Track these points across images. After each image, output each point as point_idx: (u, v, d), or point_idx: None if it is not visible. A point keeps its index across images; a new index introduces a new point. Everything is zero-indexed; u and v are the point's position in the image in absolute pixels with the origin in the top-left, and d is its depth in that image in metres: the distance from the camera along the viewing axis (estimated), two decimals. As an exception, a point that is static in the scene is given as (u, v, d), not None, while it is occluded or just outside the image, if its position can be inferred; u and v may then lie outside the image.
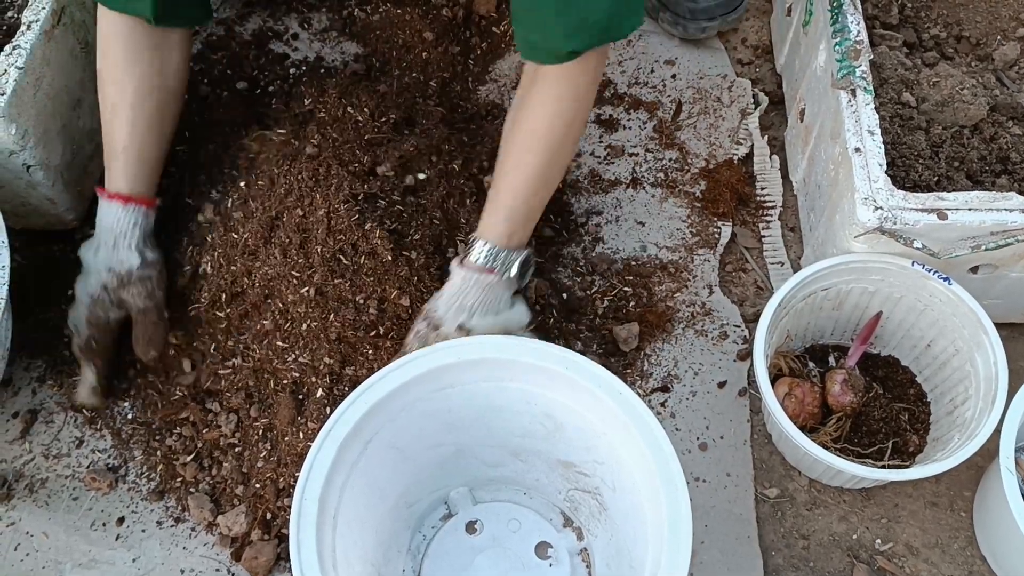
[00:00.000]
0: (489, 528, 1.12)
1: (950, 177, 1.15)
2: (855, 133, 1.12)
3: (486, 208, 1.10)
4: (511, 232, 1.08)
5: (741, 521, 1.14)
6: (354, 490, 0.97)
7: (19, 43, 1.18)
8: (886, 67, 1.23)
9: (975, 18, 1.33)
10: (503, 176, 1.08)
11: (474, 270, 1.07)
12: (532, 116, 1.05)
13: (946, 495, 1.17)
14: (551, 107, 1.04)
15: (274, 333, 1.15)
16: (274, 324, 1.15)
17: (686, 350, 1.26)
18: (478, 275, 1.07)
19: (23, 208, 1.25)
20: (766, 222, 1.37)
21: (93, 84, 1.31)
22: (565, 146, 1.07)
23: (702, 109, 1.47)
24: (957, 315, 1.11)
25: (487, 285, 1.07)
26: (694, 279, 1.32)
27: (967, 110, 1.18)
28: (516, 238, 1.08)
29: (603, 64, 1.09)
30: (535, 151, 1.06)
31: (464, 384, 1.01)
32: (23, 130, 1.16)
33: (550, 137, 1.05)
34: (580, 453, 1.05)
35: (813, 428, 1.13)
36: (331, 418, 0.95)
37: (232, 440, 1.16)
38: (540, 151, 1.05)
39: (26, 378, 1.24)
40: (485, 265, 1.07)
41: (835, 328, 1.22)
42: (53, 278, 1.30)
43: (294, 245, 1.15)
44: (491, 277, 1.07)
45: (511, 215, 1.07)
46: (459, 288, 1.07)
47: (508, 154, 1.08)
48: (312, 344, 1.13)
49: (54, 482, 1.17)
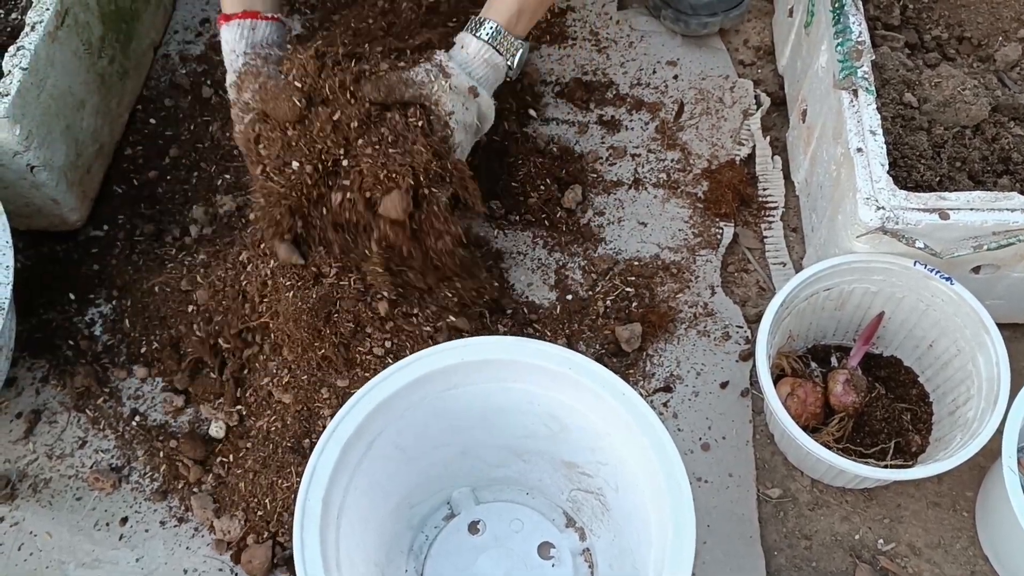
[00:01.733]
0: (492, 528, 1.12)
1: (952, 177, 1.15)
2: (857, 133, 1.12)
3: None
4: (519, 18, 1.13)
5: (743, 521, 1.15)
6: (357, 490, 0.97)
7: (23, 44, 1.18)
8: (888, 68, 1.23)
9: (977, 19, 1.33)
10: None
11: (486, 44, 1.13)
12: None
13: (948, 495, 1.17)
14: None
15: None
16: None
17: (688, 350, 1.27)
18: (491, 51, 1.13)
19: (27, 209, 1.26)
20: (768, 223, 1.37)
21: (96, 85, 1.32)
22: None
23: (704, 110, 1.47)
24: (959, 315, 1.11)
25: (494, 65, 1.14)
26: (696, 280, 1.32)
27: (969, 111, 1.18)
28: (521, 26, 1.14)
29: None
30: None
31: (467, 385, 1.01)
32: (27, 131, 1.16)
33: None
34: (583, 453, 1.05)
35: (815, 428, 1.13)
36: (335, 419, 0.95)
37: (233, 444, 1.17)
38: None
39: (29, 378, 1.24)
40: (493, 43, 1.13)
41: (837, 328, 1.22)
42: (57, 279, 1.30)
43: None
44: (499, 59, 1.14)
45: (521, 2, 1.12)
46: (472, 57, 1.13)
47: None
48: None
49: (57, 482, 1.18)
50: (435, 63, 1.13)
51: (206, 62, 1.52)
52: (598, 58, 1.53)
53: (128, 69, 1.42)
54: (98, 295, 1.30)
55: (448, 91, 1.12)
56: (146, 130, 1.44)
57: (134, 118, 1.45)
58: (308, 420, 1.14)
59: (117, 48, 1.38)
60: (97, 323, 1.28)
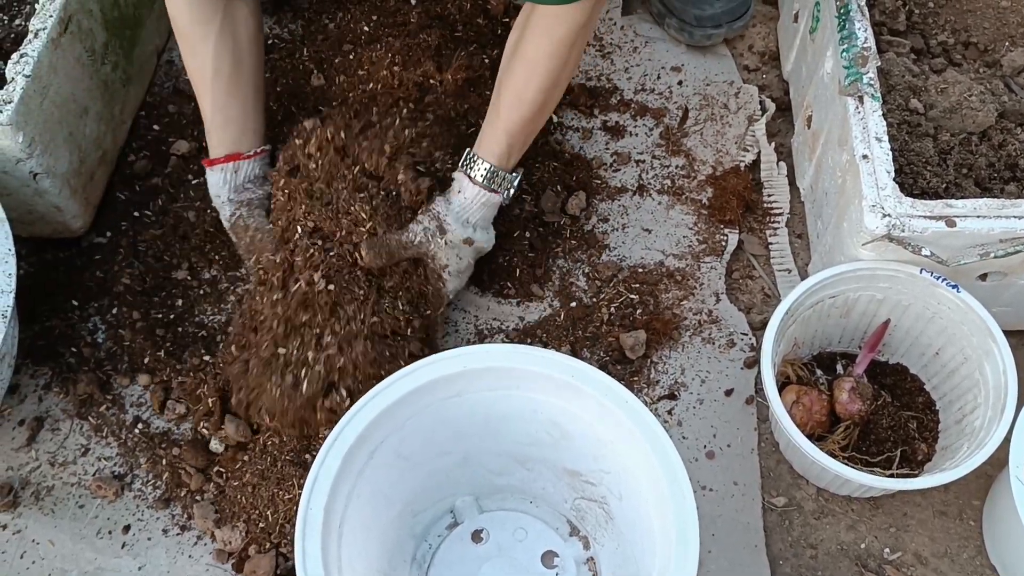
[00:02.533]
0: (495, 537, 1.12)
1: (958, 184, 1.14)
2: (863, 140, 1.11)
3: (485, 129, 1.17)
4: (509, 155, 1.16)
5: (749, 530, 1.14)
6: (360, 499, 0.97)
7: (26, 51, 1.18)
8: (893, 74, 1.23)
9: (983, 24, 1.32)
10: (502, 101, 1.14)
11: (482, 187, 1.16)
12: (531, 48, 1.10)
13: (955, 504, 1.16)
14: (547, 43, 1.09)
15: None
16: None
17: (693, 358, 1.26)
18: (486, 194, 1.17)
19: (29, 216, 1.25)
20: (773, 229, 1.36)
21: (99, 92, 1.32)
22: (561, 79, 1.13)
23: (709, 116, 1.47)
24: (966, 323, 1.11)
25: (491, 204, 1.18)
26: (701, 287, 1.31)
27: (975, 117, 1.17)
28: (512, 160, 1.17)
29: (601, 7, 1.14)
30: (533, 82, 1.11)
31: (470, 393, 1.01)
32: (30, 138, 1.16)
33: (548, 66, 1.10)
34: (587, 462, 1.04)
35: (821, 436, 1.13)
36: (337, 427, 0.95)
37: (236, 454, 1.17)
38: (538, 81, 1.11)
39: (32, 385, 1.24)
40: (489, 185, 1.16)
41: (843, 336, 1.22)
42: (59, 285, 1.30)
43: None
44: (496, 197, 1.17)
45: (511, 140, 1.15)
46: (469, 202, 1.17)
47: (507, 81, 1.14)
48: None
49: (60, 490, 1.17)
50: (432, 216, 1.17)
51: (210, 68, 1.51)
52: (602, 64, 1.52)
53: (131, 75, 1.41)
54: (101, 302, 1.29)
55: (444, 247, 1.17)
56: (149, 136, 1.44)
57: (137, 124, 1.44)
58: (307, 436, 1.15)
59: (120, 54, 1.38)
60: (100, 330, 1.27)
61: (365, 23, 1.47)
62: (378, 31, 1.45)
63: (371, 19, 1.48)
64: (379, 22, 1.47)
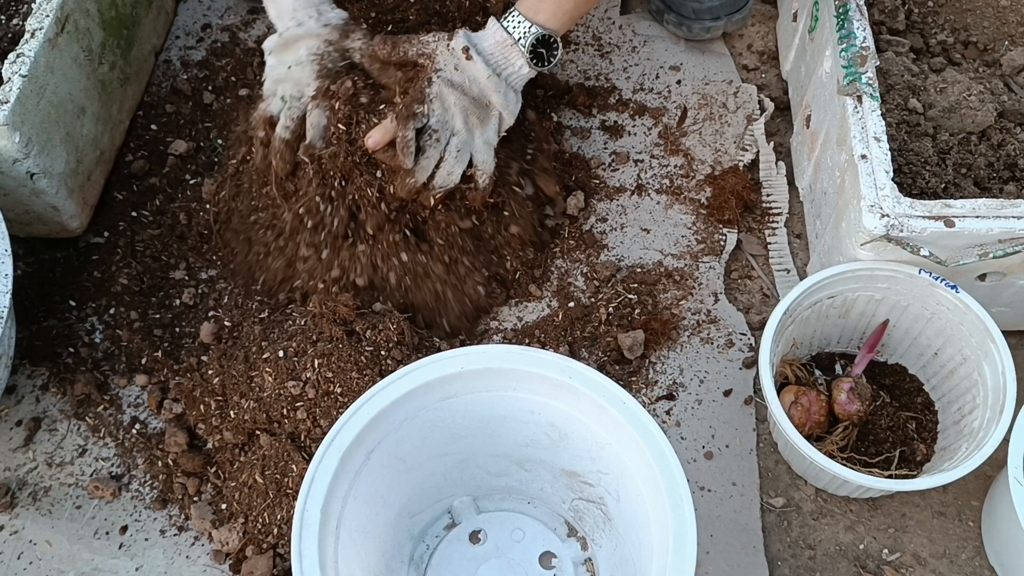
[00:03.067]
0: (493, 538, 1.11)
1: (957, 184, 1.14)
2: (861, 140, 1.11)
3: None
4: (537, 8, 1.17)
5: (747, 531, 1.14)
6: (357, 500, 0.97)
7: (23, 51, 1.18)
8: (892, 73, 1.22)
9: (982, 23, 1.32)
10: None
11: (499, 24, 1.18)
12: None
13: (954, 505, 1.16)
14: None
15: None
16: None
17: (691, 358, 1.26)
18: (500, 33, 1.18)
19: (27, 216, 1.25)
20: (772, 229, 1.36)
21: (97, 92, 1.32)
22: None
23: (707, 115, 1.46)
24: (964, 323, 1.10)
25: (500, 42, 1.18)
26: (699, 286, 1.31)
27: (974, 116, 1.17)
28: (543, 15, 1.17)
29: None
30: None
31: (467, 394, 1.00)
32: (27, 138, 1.16)
33: None
34: (584, 463, 1.04)
35: (819, 437, 1.12)
36: (334, 428, 0.95)
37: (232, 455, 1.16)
38: None
39: (29, 386, 1.24)
40: (504, 25, 1.18)
41: (842, 336, 1.21)
42: (57, 286, 1.30)
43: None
44: (505, 36, 1.18)
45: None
46: (486, 33, 1.19)
47: None
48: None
49: (57, 490, 1.17)
50: (449, 32, 1.20)
51: (207, 67, 1.51)
52: (601, 63, 1.52)
53: (129, 75, 1.41)
54: (99, 302, 1.29)
55: (445, 51, 1.18)
56: (147, 136, 1.44)
57: (135, 124, 1.44)
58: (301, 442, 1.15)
59: (118, 54, 1.37)
60: (97, 330, 1.27)
61: (363, 19, 1.47)
62: (377, 28, 1.45)
63: (369, 15, 1.48)
64: (377, 19, 1.47)
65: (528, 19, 1.16)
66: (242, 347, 1.20)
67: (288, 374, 1.15)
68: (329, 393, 1.13)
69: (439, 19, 1.47)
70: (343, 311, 1.18)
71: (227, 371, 1.18)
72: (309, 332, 1.18)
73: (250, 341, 1.20)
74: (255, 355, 1.18)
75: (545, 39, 1.17)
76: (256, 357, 1.17)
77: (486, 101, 1.20)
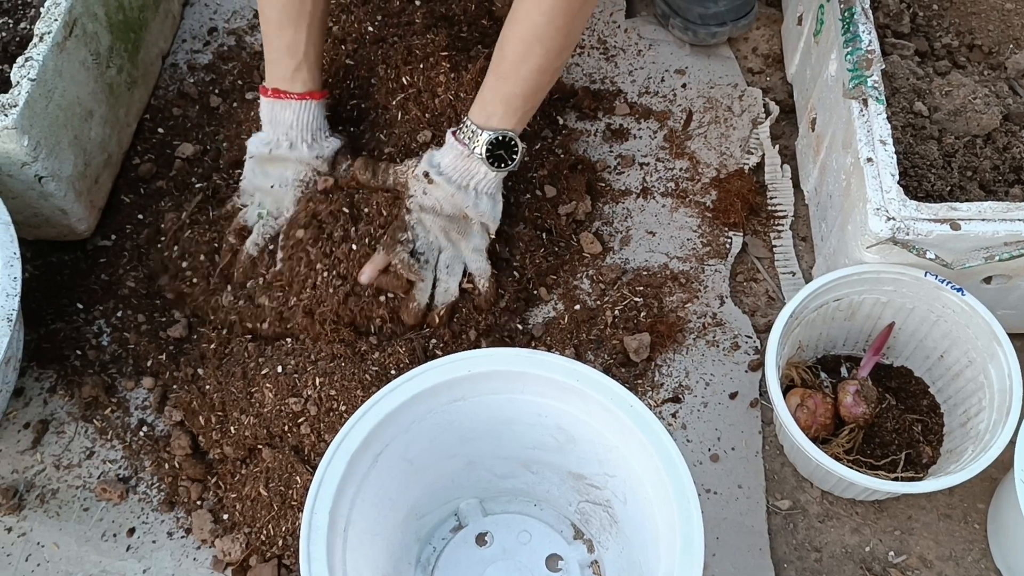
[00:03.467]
0: (499, 540, 1.12)
1: (963, 187, 1.14)
2: (867, 143, 1.11)
3: (480, 89, 1.20)
4: (489, 113, 1.17)
5: (753, 533, 1.14)
6: (365, 502, 0.97)
7: (31, 55, 1.18)
8: (898, 76, 1.23)
9: (987, 26, 1.32)
10: (500, 63, 1.15)
11: (454, 140, 1.20)
12: (530, 13, 1.10)
13: (960, 507, 1.16)
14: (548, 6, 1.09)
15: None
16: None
17: (697, 361, 1.26)
18: (456, 146, 1.19)
19: (35, 219, 1.26)
20: (777, 232, 1.36)
21: (104, 95, 1.32)
22: (565, 44, 1.14)
23: (713, 118, 1.47)
24: (970, 326, 1.11)
25: (457, 153, 1.19)
26: (705, 289, 1.31)
27: (980, 119, 1.17)
28: (495, 119, 1.17)
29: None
30: (536, 46, 1.12)
31: (475, 396, 1.01)
32: (35, 141, 1.16)
33: (550, 30, 1.10)
34: (591, 465, 1.04)
35: (825, 439, 1.13)
36: (342, 430, 0.95)
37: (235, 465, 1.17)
38: (542, 45, 1.12)
39: (37, 388, 1.24)
40: (461, 137, 1.19)
41: (847, 338, 1.22)
42: (64, 288, 1.30)
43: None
44: (461, 148, 1.19)
45: (495, 97, 1.17)
46: (443, 150, 1.22)
47: (506, 43, 1.14)
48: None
49: (65, 493, 1.18)
50: (417, 157, 1.25)
51: (214, 71, 1.52)
52: (606, 66, 1.52)
53: (136, 79, 1.42)
54: (106, 305, 1.29)
55: (412, 179, 1.23)
56: (154, 139, 1.44)
57: (142, 127, 1.45)
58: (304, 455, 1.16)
59: (125, 58, 1.38)
60: (105, 333, 1.28)
61: (370, 23, 1.47)
62: (383, 31, 1.46)
63: (375, 19, 1.48)
64: (383, 22, 1.48)
65: (480, 126, 1.17)
66: (240, 362, 1.20)
67: (289, 391, 1.15)
68: (333, 410, 1.14)
69: (445, 23, 1.47)
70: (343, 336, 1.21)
71: (226, 387, 1.18)
72: (308, 352, 1.19)
73: (247, 356, 1.20)
74: (253, 371, 1.18)
75: (501, 140, 1.17)
76: (255, 373, 1.18)
77: (461, 215, 1.22)
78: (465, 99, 1.34)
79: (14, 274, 1.10)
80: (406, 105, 1.36)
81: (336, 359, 1.17)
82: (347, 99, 1.42)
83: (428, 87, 1.36)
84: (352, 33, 1.47)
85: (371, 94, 1.40)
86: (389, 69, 1.38)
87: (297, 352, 1.19)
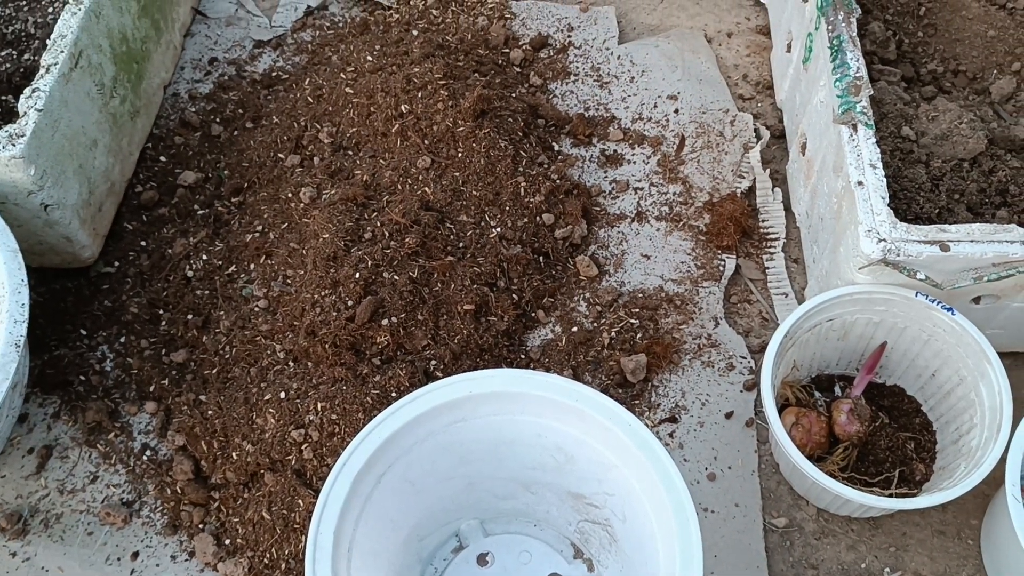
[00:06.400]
0: (500, 560, 1.13)
1: (951, 209, 1.17)
2: (857, 167, 1.14)
3: None
4: None
5: (750, 551, 1.15)
6: (368, 523, 0.98)
7: (38, 86, 1.20)
8: (886, 102, 1.25)
9: (971, 52, 1.35)
10: None
11: None
12: None
13: (953, 523, 1.17)
14: None
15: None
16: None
17: (693, 381, 1.28)
18: None
19: (40, 247, 1.27)
20: (770, 254, 1.39)
21: (108, 124, 1.34)
22: None
23: (705, 143, 1.49)
24: (961, 345, 1.13)
25: None
26: (700, 311, 1.33)
27: (966, 143, 1.20)
28: None
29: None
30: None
31: (475, 418, 1.02)
32: (41, 170, 1.18)
33: None
34: (591, 485, 1.06)
35: (820, 457, 1.14)
36: (346, 451, 0.96)
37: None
38: None
39: (41, 414, 1.25)
40: None
41: (841, 358, 1.24)
42: (68, 314, 1.32)
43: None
44: None
45: None
46: None
47: None
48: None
49: (69, 517, 1.18)
50: None
51: (215, 100, 1.54)
52: (600, 93, 1.55)
53: (139, 108, 1.44)
54: (109, 331, 1.31)
55: None
56: (156, 167, 1.46)
57: (144, 156, 1.47)
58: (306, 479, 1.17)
59: (128, 88, 1.40)
60: (108, 358, 1.29)
61: (368, 53, 1.50)
62: (381, 60, 1.48)
63: (374, 49, 1.51)
64: (382, 51, 1.50)
65: None
66: (241, 387, 1.21)
67: (291, 417, 1.17)
68: (335, 434, 1.16)
69: (442, 52, 1.50)
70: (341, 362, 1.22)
71: (228, 413, 1.20)
72: (310, 376, 1.20)
73: (248, 382, 1.22)
74: (255, 396, 1.20)
75: None
76: (257, 399, 1.19)
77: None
78: (463, 126, 1.37)
79: (22, 300, 1.11)
80: (405, 132, 1.39)
81: (337, 383, 1.19)
82: (347, 127, 1.44)
83: (426, 114, 1.39)
84: (351, 63, 1.50)
85: (370, 122, 1.42)
86: (388, 97, 1.41)
87: (299, 376, 1.21)
